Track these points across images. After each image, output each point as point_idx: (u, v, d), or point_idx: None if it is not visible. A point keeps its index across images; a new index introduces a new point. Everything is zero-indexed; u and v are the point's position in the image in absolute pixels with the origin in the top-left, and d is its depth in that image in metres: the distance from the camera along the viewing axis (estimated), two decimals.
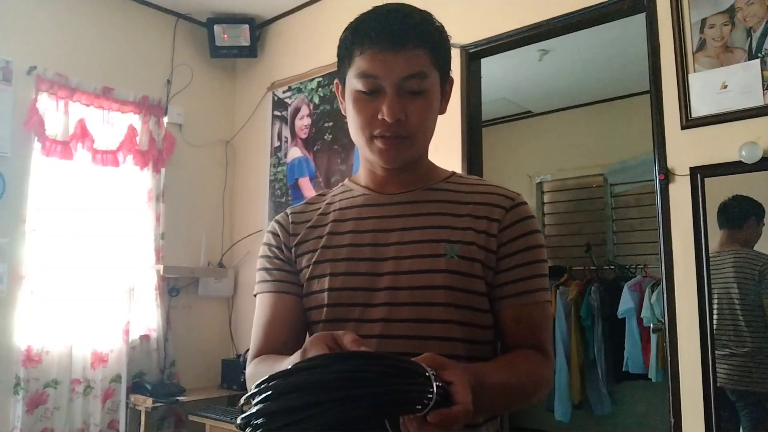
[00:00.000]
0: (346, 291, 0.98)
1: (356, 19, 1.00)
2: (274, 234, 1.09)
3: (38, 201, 2.92)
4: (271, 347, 1.03)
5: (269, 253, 1.08)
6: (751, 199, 1.96)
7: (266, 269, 1.08)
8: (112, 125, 3.24)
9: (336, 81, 1.06)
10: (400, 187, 1.05)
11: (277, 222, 1.11)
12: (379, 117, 0.95)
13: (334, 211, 1.07)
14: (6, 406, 2.78)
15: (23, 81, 2.93)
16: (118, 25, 3.37)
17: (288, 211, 1.12)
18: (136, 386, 3.12)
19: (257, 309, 1.08)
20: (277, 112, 3.62)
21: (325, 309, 0.99)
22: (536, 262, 0.99)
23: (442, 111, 1.04)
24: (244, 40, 3.59)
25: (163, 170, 3.41)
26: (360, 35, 0.97)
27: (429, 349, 0.89)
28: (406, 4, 0.99)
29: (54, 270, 2.95)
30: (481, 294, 0.97)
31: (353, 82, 0.97)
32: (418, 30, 0.95)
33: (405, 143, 0.98)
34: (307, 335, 1.05)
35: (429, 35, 0.97)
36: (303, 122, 3.45)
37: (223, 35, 3.58)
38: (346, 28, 1.01)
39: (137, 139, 3.31)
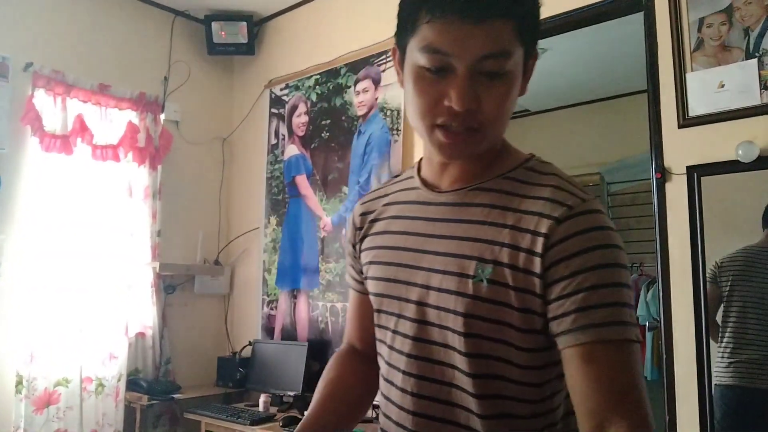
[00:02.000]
0: (386, 298, 0.92)
1: None
2: (349, 227, 1.07)
3: (35, 197, 2.90)
4: (351, 339, 1.10)
5: (348, 246, 1.08)
6: None
7: (348, 263, 1.10)
8: (110, 122, 3.23)
9: (394, 47, 0.87)
10: (451, 182, 0.89)
11: (353, 213, 1.06)
12: (446, 103, 0.78)
13: (394, 204, 0.97)
14: (8, 405, 2.75)
15: (20, 77, 2.92)
16: (115, 22, 3.36)
17: (361, 199, 1.06)
18: (131, 384, 3.11)
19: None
20: (274, 110, 3.61)
21: (375, 313, 0.96)
22: (605, 287, 0.75)
23: (522, 92, 0.85)
24: (242, 38, 3.59)
25: (159, 167, 3.40)
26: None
27: (453, 378, 0.82)
28: None
29: (52, 266, 2.94)
30: (523, 330, 0.79)
31: (416, 56, 0.79)
32: None
33: (475, 137, 0.81)
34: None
35: (513, 2, 0.77)
36: (300, 120, 3.44)
37: (221, 32, 3.57)
38: None
39: (138, 135, 3.30)
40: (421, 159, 0.97)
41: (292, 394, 2.99)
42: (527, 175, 0.86)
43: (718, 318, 1.98)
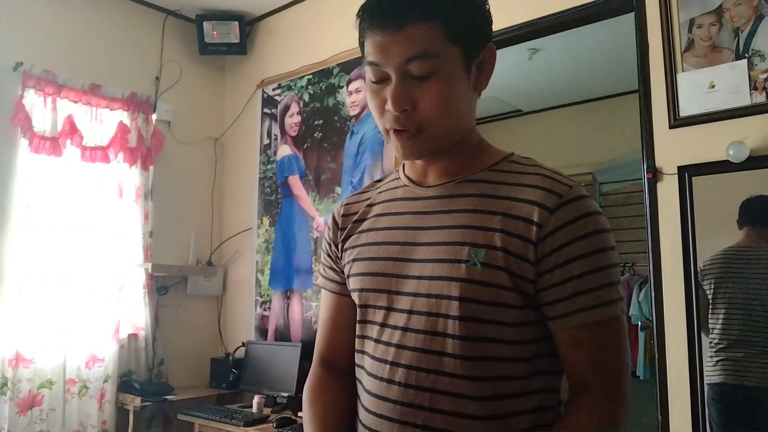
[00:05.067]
0: (372, 292, 0.93)
1: None
2: (329, 228, 1.07)
3: (25, 198, 2.88)
4: (326, 348, 1.06)
5: (325, 248, 1.08)
6: None
7: (323, 264, 1.09)
8: (101, 122, 3.21)
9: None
10: (437, 178, 0.93)
11: (333, 214, 1.08)
12: (386, 108, 0.86)
13: (379, 203, 1.01)
14: None
15: (9, 77, 2.90)
16: (106, 21, 3.34)
17: (344, 201, 1.08)
18: (124, 385, 3.10)
19: (321, 302, 1.11)
20: (266, 110, 3.60)
21: (358, 309, 0.96)
22: (595, 272, 0.81)
23: (479, 87, 0.90)
24: (234, 37, 3.58)
25: (151, 168, 3.39)
26: (364, 18, 0.86)
27: (441, 365, 0.84)
28: None
29: (43, 267, 2.92)
30: (516, 307, 0.83)
31: (366, 71, 0.89)
32: (420, 2, 0.82)
33: (421, 136, 0.87)
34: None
35: (436, 5, 0.82)
36: (293, 120, 3.44)
37: (213, 32, 3.56)
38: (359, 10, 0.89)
39: (129, 135, 3.28)
40: (404, 163, 1.02)
41: (285, 395, 2.98)
42: (512, 167, 0.90)
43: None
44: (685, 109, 2.04)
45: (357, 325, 0.97)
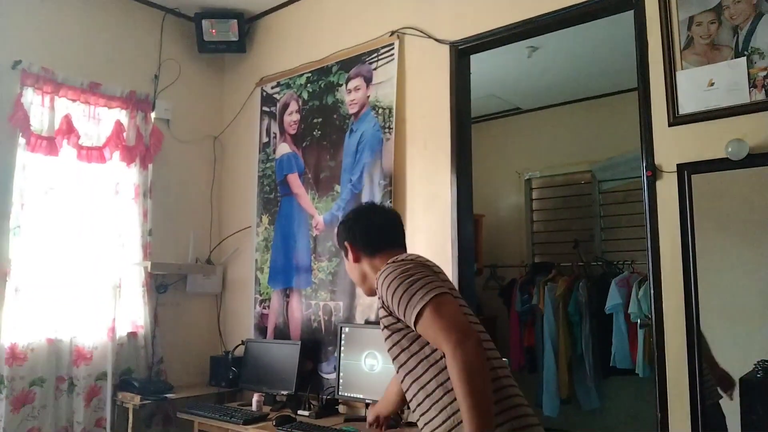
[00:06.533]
0: None
1: None
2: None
3: (23, 197, 2.88)
4: None
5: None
6: None
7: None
8: (99, 121, 3.21)
9: None
10: None
11: None
12: None
13: None
14: None
15: (8, 75, 2.89)
16: (105, 20, 3.33)
17: None
18: (123, 383, 3.10)
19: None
20: (265, 108, 3.60)
21: None
22: (392, 301, 1.47)
23: (353, 258, 1.72)
24: (233, 35, 3.57)
25: (150, 166, 3.38)
26: None
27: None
28: None
29: (39, 267, 2.92)
30: (390, 324, 1.55)
31: None
32: None
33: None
34: None
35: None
36: (292, 118, 3.43)
37: (211, 30, 3.56)
38: None
39: (124, 134, 3.28)
40: None
41: (285, 393, 2.99)
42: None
43: None
44: (685, 107, 2.04)
45: None
